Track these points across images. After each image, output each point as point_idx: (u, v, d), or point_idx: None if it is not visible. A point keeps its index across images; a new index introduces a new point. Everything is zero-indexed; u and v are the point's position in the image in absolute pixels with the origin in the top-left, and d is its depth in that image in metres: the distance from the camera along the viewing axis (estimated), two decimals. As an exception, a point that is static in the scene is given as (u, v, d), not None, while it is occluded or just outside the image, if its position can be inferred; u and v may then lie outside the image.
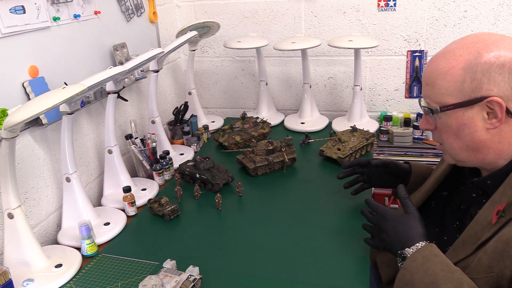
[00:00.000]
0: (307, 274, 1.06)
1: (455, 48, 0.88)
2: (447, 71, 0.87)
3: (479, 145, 0.89)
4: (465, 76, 0.85)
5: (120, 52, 1.64)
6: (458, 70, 0.85)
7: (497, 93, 0.83)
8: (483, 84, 0.84)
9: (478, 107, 0.85)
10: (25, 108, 0.96)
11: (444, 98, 0.88)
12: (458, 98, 0.86)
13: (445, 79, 0.87)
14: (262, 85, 2.11)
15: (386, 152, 2.00)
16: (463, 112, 0.87)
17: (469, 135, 0.89)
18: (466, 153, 0.92)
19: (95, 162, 1.57)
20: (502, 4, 1.86)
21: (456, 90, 0.86)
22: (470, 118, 0.87)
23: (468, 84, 0.85)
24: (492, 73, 0.83)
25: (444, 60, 0.88)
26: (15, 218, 1.08)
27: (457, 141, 0.91)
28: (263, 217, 1.33)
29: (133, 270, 1.12)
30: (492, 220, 0.84)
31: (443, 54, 0.89)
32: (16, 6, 1.16)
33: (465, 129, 0.88)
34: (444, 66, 0.87)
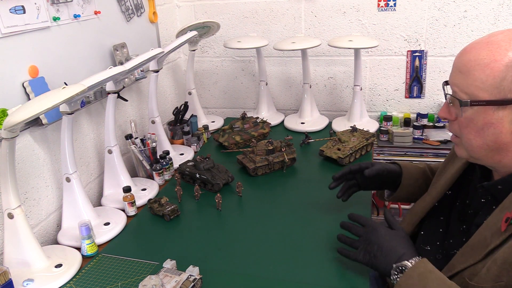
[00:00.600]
0: (307, 274, 1.06)
1: (501, 41, 0.81)
2: (488, 64, 0.80)
3: (500, 146, 0.85)
4: (506, 73, 0.79)
5: (120, 52, 1.64)
6: (500, 65, 0.79)
7: None
8: None
9: (510, 109, 0.81)
10: (25, 108, 0.97)
11: (477, 92, 0.82)
12: (493, 95, 0.81)
13: (484, 72, 0.80)
14: (262, 85, 2.11)
15: (386, 152, 2.00)
16: (494, 111, 0.82)
17: (493, 135, 0.84)
18: (484, 152, 0.87)
19: (95, 162, 1.57)
20: (502, 4, 1.86)
21: (492, 86, 0.80)
22: (499, 118, 0.82)
23: (508, 83, 0.79)
24: None
25: (487, 51, 0.81)
26: (15, 218, 1.08)
27: (478, 139, 0.86)
28: (263, 217, 1.33)
29: (133, 270, 1.12)
30: (501, 228, 0.82)
31: (487, 44, 0.82)
32: (16, 6, 1.16)
33: (491, 129, 0.84)
34: (485, 57, 0.81)
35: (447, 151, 1.92)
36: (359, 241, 1.03)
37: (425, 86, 2.07)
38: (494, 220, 0.86)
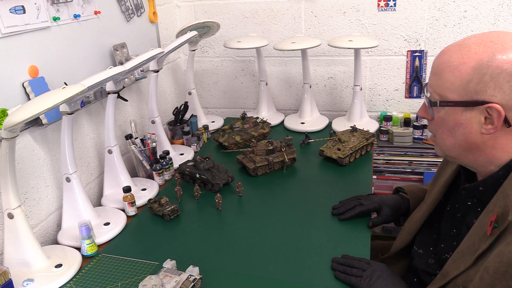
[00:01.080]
0: (307, 274, 1.06)
1: (472, 44, 0.84)
2: (457, 66, 0.84)
3: (471, 146, 0.88)
4: (473, 76, 0.82)
5: (120, 52, 1.64)
6: (468, 68, 0.82)
7: (500, 100, 0.81)
8: (488, 88, 0.81)
9: (477, 110, 0.84)
10: (25, 108, 0.96)
11: (447, 93, 0.86)
12: (461, 96, 0.84)
13: (453, 74, 0.84)
14: (262, 85, 2.11)
15: (386, 152, 2.00)
16: (462, 112, 0.85)
17: (463, 135, 0.87)
18: (457, 151, 0.91)
19: (95, 162, 1.57)
20: (502, 4, 1.86)
21: (460, 87, 0.84)
22: (468, 119, 0.85)
23: (474, 84, 0.82)
24: (501, 79, 0.80)
25: (458, 54, 0.85)
26: (15, 218, 1.08)
27: (450, 138, 0.90)
28: (263, 217, 1.33)
29: (133, 270, 1.12)
30: (487, 232, 0.83)
31: (459, 47, 0.85)
32: (16, 6, 1.16)
33: (460, 129, 0.87)
34: (455, 60, 0.84)
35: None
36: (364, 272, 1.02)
37: (425, 86, 2.07)
38: (481, 224, 0.87)
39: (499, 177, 0.87)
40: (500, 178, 0.87)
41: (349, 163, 1.62)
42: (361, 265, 1.04)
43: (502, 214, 0.81)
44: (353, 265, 1.05)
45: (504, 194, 0.84)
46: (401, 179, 2.03)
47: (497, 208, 0.84)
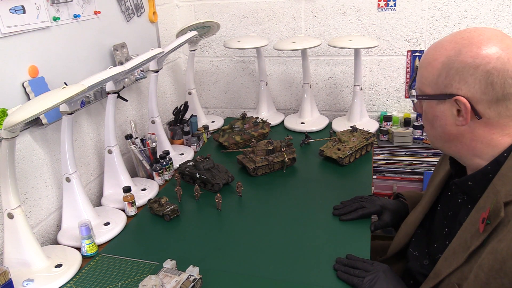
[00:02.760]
0: (307, 274, 1.06)
1: (445, 41, 0.89)
2: (430, 62, 0.89)
3: (450, 137, 0.91)
4: (441, 71, 0.87)
5: (120, 52, 1.64)
6: (438, 63, 0.87)
7: (465, 93, 0.84)
8: (454, 82, 0.85)
9: (449, 103, 0.87)
10: (25, 108, 0.96)
11: (424, 87, 0.91)
12: (433, 90, 0.89)
13: (427, 70, 0.90)
14: (262, 85, 2.11)
15: (386, 152, 2.00)
16: (436, 105, 0.90)
17: (440, 127, 0.91)
18: (439, 142, 0.95)
19: (95, 162, 1.57)
20: (502, 4, 1.86)
21: (432, 82, 0.89)
22: (442, 111, 0.89)
23: (442, 79, 0.87)
24: (465, 73, 0.83)
25: (433, 51, 0.90)
26: (15, 218, 1.08)
27: (432, 130, 0.95)
28: (263, 217, 1.33)
29: (133, 270, 1.12)
30: (479, 229, 0.84)
31: (435, 44, 0.91)
32: (16, 6, 1.16)
33: (437, 121, 0.91)
34: (430, 56, 0.90)
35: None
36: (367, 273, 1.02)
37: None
38: (472, 221, 0.87)
39: (487, 171, 0.88)
40: (488, 173, 0.88)
41: (349, 163, 1.62)
42: (364, 266, 1.04)
43: (494, 211, 0.82)
44: (356, 266, 1.04)
45: (495, 190, 0.84)
46: (401, 179, 2.03)
47: (488, 204, 0.84)
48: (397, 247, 1.16)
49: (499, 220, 0.80)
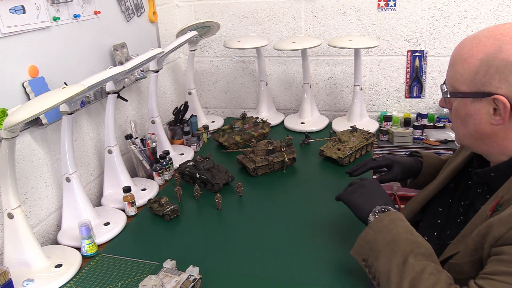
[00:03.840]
0: (307, 274, 1.06)
1: (483, 36, 0.85)
2: (466, 59, 0.85)
3: (482, 136, 0.89)
4: (480, 68, 0.83)
5: (120, 52, 1.64)
6: (476, 60, 0.84)
7: (506, 92, 0.81)
8: (493, 80, 0.82)
9: (485, 101, 0.84)
10: (25, 108, 0.96)
11: (457, 84, 0.88)
12: (469, 87, 0.86)
13: (463, 66, 0.86)
14: (262, 85, 2.11)
15: (386, 152, 2.00)
16: (471, 103, 0.87)
17: (473, 125, 0.88)
18: (470, 141, 0.92)
19: (95, 162, 1.57)
20: (502, 4, 1.86)
21: (468, 79, 0.85)
22: (477, 110, 0.86)
23: (480, 76, 0.83)
24: (506, 71, 0.80)
25: (469, 46, 0.86)
26: (15, 218, 1.08)
27: (463, 128, 0.91)
28: (263, 217, 1.33)
29: (133, 270, 1.12)
30: (488, 214, 0.84)
31: (472, 39, 0.87)
32: (16, 6, 1.16)
33: (471, 119, 0.88)
34: (466, 52, 0.86)
35: (447, 151, 1.92)
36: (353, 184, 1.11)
37: (425, 86, 2.07)
38: (485, 210, 0.87)
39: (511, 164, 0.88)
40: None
41: (349, 163, 1.62)
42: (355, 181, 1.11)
43: (507, 200, 0.82)
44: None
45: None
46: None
47: (503, 194, 0.85)
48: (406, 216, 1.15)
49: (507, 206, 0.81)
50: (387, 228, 0.91)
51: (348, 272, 1.06)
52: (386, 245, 0.89)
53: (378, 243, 0.91)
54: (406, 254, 0.85)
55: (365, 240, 0.94)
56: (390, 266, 0.86)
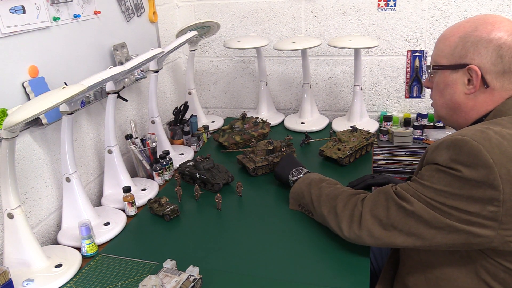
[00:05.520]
0: (307, 274, 1.06)
1: (462, 22, 1.01)
2: (448, 37, 1.01)
3: (455, 105, 1.02)
4: (458, 43, 0.98)
5: (120, 52, 1.64)
6: (455, 37, 0.99)
7: (478, 63, 0.95)
8: (468, 53, 0.96)
9: (461, 73, 0.98)
10: (25, 108, 0.96)
11: (439, 59, 1.02)
12: (448, 61, 1.00)
13: (444, 43, 1.01)
14: (262, 85, 2.11)
15: (386, 152, 2.00)
16: (449, 74, 1.01)
17: (449, 95, 1.02)
18: (445, 111, 1.06)
19: (95, 162, 1.57)
20: (502, 4, 1.86)
21: (449, 54, 1.00)
22: (454, 80, 1.00)
23: (458, 50, 0.98)
24: (479, 45, 0.95)
25: (450, 29, 1.02)
26: (15, 218, 1.08)
27: (441, 98, 1.05)
28: (263, 217, 1.33)
29: (133, 270, 1.12)
30: None
31: (454, 25, 1.02)
32: (16, 6, 1.16)
33: (448, 89, 1.02)
34: (448, 32, 1.01)
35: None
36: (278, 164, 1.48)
37: (425, 86, 2.07)
38: None
39: None
40: None
41: (349, 163, 1.62)
42: None
43: None
44: None
45: None
46: (401, 179, 2.02)
47: None
48: None
49: None
50: (306, 178, 1.29)
51: (348, 272, 1.06)
52: (306, 185, 1.25)
53: (301, 188, 1.27)
54: (320, 183, 1.21)
55: (293, 192, 1.31)
56: (311, 195, 1.22)
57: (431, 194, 0.90)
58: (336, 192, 1.14)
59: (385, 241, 0.97)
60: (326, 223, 1.16)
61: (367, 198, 1.04)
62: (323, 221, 1.18)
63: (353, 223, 1.03)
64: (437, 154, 0.90)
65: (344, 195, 1.11)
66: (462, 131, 0.90)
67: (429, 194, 0.90)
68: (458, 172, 0.86)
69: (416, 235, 0.92)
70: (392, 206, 0.96)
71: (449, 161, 0.87)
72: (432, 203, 0.90)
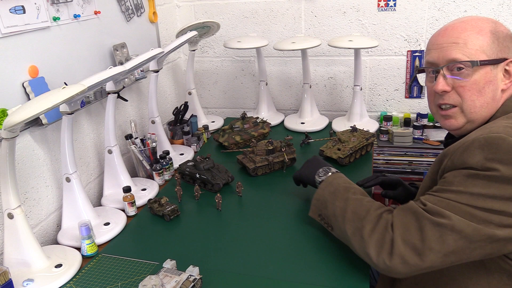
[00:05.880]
0: (307, 274, 1.06)
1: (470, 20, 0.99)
2: (479, 31, 0.96)
3: (493, 104, 0.97)
4: (493, 38, 0.96)
5: (120, 52, 1.64)
6: (487, 32, 0.96)
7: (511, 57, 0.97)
8: (505, 48, 0.96)
9: (500, 67, 0.96)
10: (25, 108, 0.96)
11: (478, 55, 0.95)
12: (488, 55, 0.96)
13: (478, 39, 0.96)
14: (262, 85, 2.11)
15: (386, 152, 2.00)
16: (491, 70, 0.96)
17: (491, 92, 0.97)
18: (484, 111, 0.98)
19: (95, 162, 1.57)
20: (502, 4, 1.86)
21: (488, 48, 0.96)
22: (494, 76, 0.96)
23: (496, 45, 0.96)
24: (507, 40, 0.97)
25: (470, 25, 0.97)
26: (15, 218, 1.08)
27: (480, 98, 0.97)
28: (263, 217, 1.33)
29: (133, 270, 1.12)
30: None
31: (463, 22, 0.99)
32: (16, 6, 1.16)
33: (490, 86, 0.96)
34: (473, 28, 0.97)
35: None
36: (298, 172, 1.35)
37: (425, 86, 2.07)
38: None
39: None
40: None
41: (349, 163, 1.62)
42: None
43: None
44: None
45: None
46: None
47: None
48: None
49: None
50: (330, 184, 1.13)
51: (348, 272, 1.06)
52: (330, 194, 1.10)
53: (325, 196, 1.11)
54: (345, 193, 1.06)
55: (316, 198, 1.15)
56: (334, 208, 1.06)
57: (467, 200, 0.83)
58: (363, 210, 0.99)
59: (422, 267, 0.85)
60: (347, 243, 1.03)
61: (395, 222, 0.91)
62: (344, 240, 1.05)
63: (382, 251, 0.90)
64: (468, 156, 0.84)
65: (372, 216, 0.96)
66: (491, 129, 0.86)
67: (465, 201, 0.83)
68: (495, 171, 0.81)
69: (455, 253, 0.83)
70: (426, 225, 0.85)
71: (485, 161, 0.82)
72: (470, 211, 0.82)
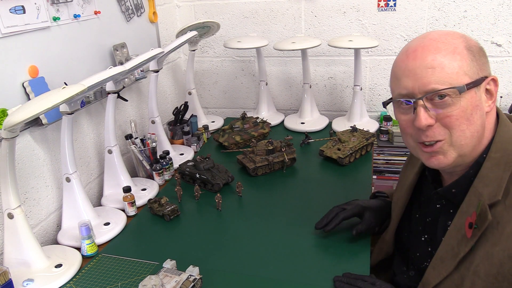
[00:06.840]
0: (307, 274, 1.06)
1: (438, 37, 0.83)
2: (454, 50, 0.81)
3: (482, 130, 0.84)
4: (470, 56, 0.82)
5: (120, 52, 1.64)
6: (463, 49, 0.81)
7: (489, 73, 0.84)
8: (482, 65, 0.83)
9: (482, 88, 0.83)
10: (25, 108, 0.96)
11: (460, 78, 0.80)
12: (472, 76, 0.81)
13: (456, 59, 0.81)
14: (262, 85, 2.11)
15: (386, 152, 2.00)
16: (475, 92, 0.81)
17: (479, 118, 0.82)
18: (474, 141, 0.83)
19: (95, 162, 1.57)
20: (502, 4, 1.86)
21: (468, 68, 0.81)
22: (479, 98, 0.82)
23: (475, 63, 0.82)
24: (481, 55, 0.84)
25: (442, 43, 0.82)
26: (15, 218, 1.08)
27: (470, 127, 0.82)
28: (263, 217, 1.33)
29: (133, 270, 1.12)
30: (466, 234, 0.82)
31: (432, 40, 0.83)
32: (16, 6, 1.16)
33: (477, 111, 0.82)
34: (447, 46, 0.82)
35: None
36: None
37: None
38: (457, 227, 0.85)
39: (470, 175, 0.86)
40: (471, 176, 0.86)
41: (349, 163, 1.62)
42: (366, 286, 0.96)
43: (480, 215, 0.80)
44: (357, 285, 0.97)
45: (477, 193, 0.83)
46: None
47: (472, 208, 0.83)
48: (378, 256, 1.13)
49: (487, 224, 0.79)
50: None
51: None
52: None
53: None
54: None
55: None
56: None
57: None
58: None
59: None
60: None
61: None
62: None
63: None
64: None
65: None
66: None
67: None
68: None
69: None
70: None
71: None
72: None
